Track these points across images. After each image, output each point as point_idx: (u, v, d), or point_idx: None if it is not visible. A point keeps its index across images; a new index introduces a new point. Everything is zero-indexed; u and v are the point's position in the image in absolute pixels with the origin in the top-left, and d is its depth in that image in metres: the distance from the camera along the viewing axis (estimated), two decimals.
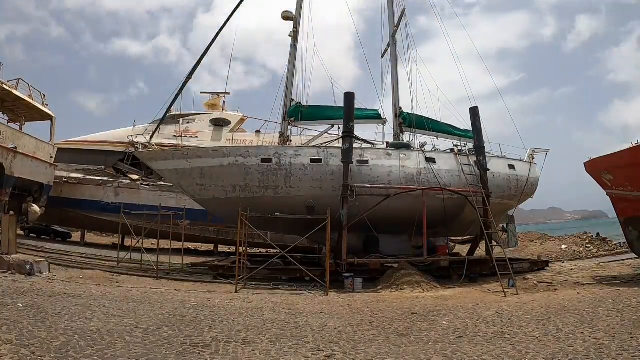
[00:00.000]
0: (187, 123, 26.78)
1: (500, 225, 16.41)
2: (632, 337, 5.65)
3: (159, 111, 16.88)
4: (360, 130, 16.12)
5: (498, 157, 16.63)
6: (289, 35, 17.90)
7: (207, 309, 8.29)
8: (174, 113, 21.70)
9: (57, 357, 4.58)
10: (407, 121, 17.07)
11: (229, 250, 25.11)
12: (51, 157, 22.23)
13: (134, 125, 26.59)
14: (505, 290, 10.69)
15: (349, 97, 14.73)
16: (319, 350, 5.49)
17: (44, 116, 22.73)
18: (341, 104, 15.12)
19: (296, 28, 17.85)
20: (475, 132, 15.50)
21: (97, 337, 5.49)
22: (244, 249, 12.98)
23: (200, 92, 30.55)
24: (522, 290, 10.94)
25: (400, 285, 11.89)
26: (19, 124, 22.11)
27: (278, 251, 14.01)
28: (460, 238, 20.10)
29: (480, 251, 16.00)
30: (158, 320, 6.89)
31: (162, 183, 23.47)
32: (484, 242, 14.20)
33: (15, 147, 19.28)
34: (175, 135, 22.97)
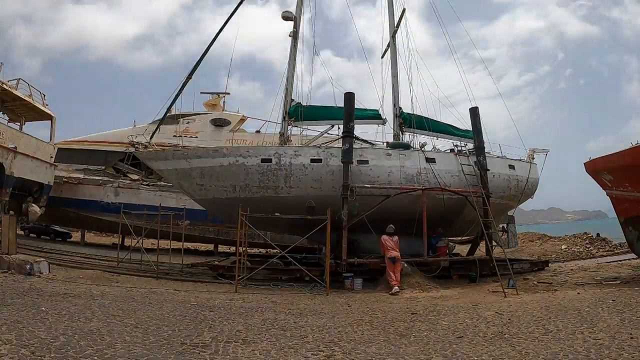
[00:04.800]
0: (187, 123, 26.79)
1: (500, 226, 16.41)
2: (632, 337, 5.65)
3: (159, 111, 16.91)
4: (360, 130, 16.14)
5: (498, 157, 16.63)
6: (289, 36, 17.89)
7: (207, 309, 8.29)
8: (174, 113, 21.71)
9: (57, 357, 4.57)
10: (407, 121, 17.07)
11: (228, 251, 25.12)
12: (51, 157, 22.23)
13: (134, 125, 26.62)
14: (505, 290, 10.69)
15: (349, 97, 14.73)
16: (319, 350, 5.49)
17: (44, 116, 22.74)
18: (341, 104, 15.13)
19: (296, 28, 17.84)
20: (475, 133, 15.50)
21: (97, 337, 5.49)
22: (244, 249, 12.98)
23: (201, 92, 30.58)
24: (522, 291, 10.94)
25: (400, 285, 11.89)
26: (19, 124, 22.12)
27: (278, 251, 14.00)
28: (459, 238, 20.07)
29: (481, 251, 16.00)
30: (158, 320, 6.89)
31: (162, 183, 23.47)
32: (484, 242, 14.20)
33: (16, 147, 19.28)
34: (175, 135, 22.98)
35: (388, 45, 18.58)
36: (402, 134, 17.22)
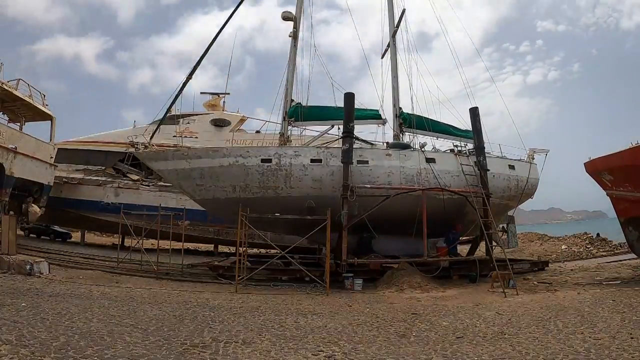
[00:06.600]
0: (187, 123, 26.76)
1: (500, 226, 16.40)
2: (632, 337, 5.65)
3: (159, 111, 16.91)
4: (360, 130, 16.14)
5: (498, 157, 16.62)
6: (289, 36, 17.88)
7: (207, 309, 8.29)
8: (173, 113, 21.70)
9: (57, 357, 4.58)
10: (407, 121, 17.06)
11: (228, 251, 25.12)
12: (51, 157, 22.22)
13: (134, 126, 26.62)
14: (505, 290, 10.69)
15: (349, 97, 14.73)
16: (319, 351, 5.49)
17: (44, 116, 22.73)
18: (341, 104, 15.14)
19: (296, 28, 17.84)
20: (475, 133, 15.50)
21: (97, 337, 5.49)
22: (244, 249, 12.98)
23: (201, 92, 30.56)
24: (522, 291, 10.94)
25: (400, 285, 11.89)
26: (19, 124, 22.12)
27: (278, 251, 14.00)
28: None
29: (481, 251, 16.00)
30: (158, 320, 6.90)
31: (162, 183, 23.46)
32: (484, 242, 14.20)
33: (16, 148, 19.27)
34: (175, 136, 22.95)
35: (388, 46, 18.58)
36: (402, 134, 17.21)
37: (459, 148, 16.28)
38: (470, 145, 16.30)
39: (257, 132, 26.31)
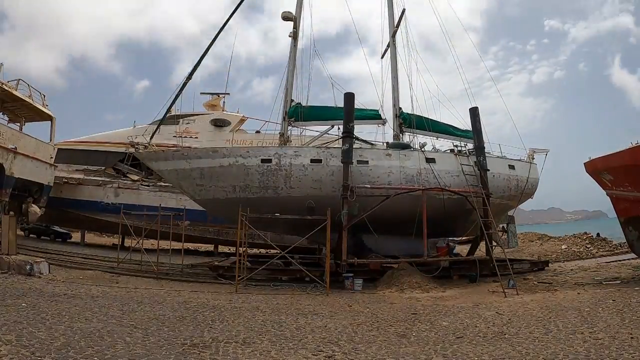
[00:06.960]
0: (187, 123, 26.77)
1: (500, 226, 16.41)
2: (632, 337, 5.65)
3: (159, 111, 16.92)
4: (360, 130, 16.13)
5: (498, 157, 16.63)
6: (289, 36, 17.88)
7: (207, 309, 8.29)
8: (173, 113, 21.71)
9: (57, 357, 4.58)
10: (407, 121, 17.07)
11: (229, 251, 25.13)
12: (51, 158, 22.23)
13: (134, 126, 26.62)
14: (506, 290, 10.69)
15: (349, 97, 14.73)
16: (319, 351, 5.49)
17: (44, 117, 22.73)
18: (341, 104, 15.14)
19: (296, 28, 17.84)
20: (475, 133, 15.51)
21: (97, 337, 5.49)
22: (244, 249, 12.99)
23: (200, 93, 30.57)
24: (522, 291, 10.94)
25: (400, 285, 11.90)
26: (19, 124, 22.12)
27: (278, 251, 14.02)
28: (459, 238, 20.07)
29: (481, 251, 16.00)
30: (158, 320, 6.90)
31: (162, 183, 23.46)
32: (484, 242, 14.20)
33: (16, 148, 19.27)
34: (175, 136, 22.96)
35: (388, 46, 18.58)
36: (402, 134, 17.22)
37: (459, 148, 16.29)
38: (470, 145, 16.31)
39: (257, 132, 26.33)
